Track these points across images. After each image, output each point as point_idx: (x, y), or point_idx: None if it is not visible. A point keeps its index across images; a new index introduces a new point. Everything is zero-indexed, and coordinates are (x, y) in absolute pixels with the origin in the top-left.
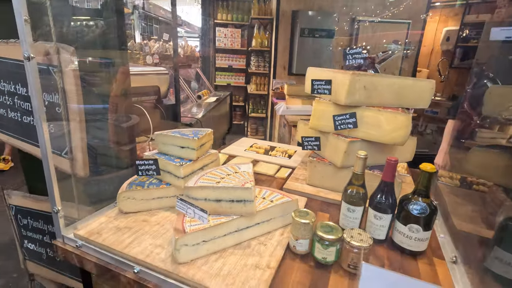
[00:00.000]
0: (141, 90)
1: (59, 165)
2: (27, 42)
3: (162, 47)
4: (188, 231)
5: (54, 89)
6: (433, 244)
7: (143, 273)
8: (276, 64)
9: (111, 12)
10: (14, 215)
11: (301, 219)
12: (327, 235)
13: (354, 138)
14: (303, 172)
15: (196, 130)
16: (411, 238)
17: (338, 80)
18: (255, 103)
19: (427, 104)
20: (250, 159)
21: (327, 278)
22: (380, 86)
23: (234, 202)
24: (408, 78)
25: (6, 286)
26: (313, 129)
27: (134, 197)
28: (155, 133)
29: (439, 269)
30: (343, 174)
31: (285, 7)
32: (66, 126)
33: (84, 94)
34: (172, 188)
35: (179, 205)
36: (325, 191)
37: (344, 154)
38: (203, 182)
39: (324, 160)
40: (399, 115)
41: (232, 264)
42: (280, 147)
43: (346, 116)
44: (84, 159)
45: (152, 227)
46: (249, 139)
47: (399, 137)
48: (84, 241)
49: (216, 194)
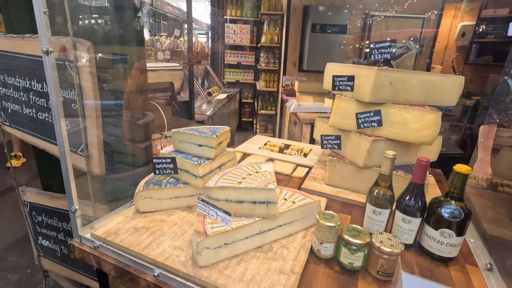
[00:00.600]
0: (156, 86)
1: (75, 162)
2: (45, 36)
3: (173, 43)
4: (210, 234)
5: (70, 85)
6: (463, 249)
7: (163, 277)
8: (286, 60)
9: (128, 7)
10: (29, 212)
11: (327, 222)
12: (355, 240)
13: (378, 137)
14: (321, 172)
15: (213, 128)
16: (443, 243)
17: (362, 76)
18: (264, 100)
19: (455, 102)
20: (265, 158)
21: (355, 285)
22: (407, 82)
23: (256, 203)
24: (436, 74)
25: (20, 281)
26: (334, 127)
27: (151, 196)
28: (171, 130)
29: (473, 277)
30: (365, 174)
31: (296, 2)
32: (82, 123)
33: (100, 90)
34: (190, 187)
35: (200, 206)
36: (346, 192)
37: (367, 153)
38: (224, 182)
39: (345, 160)
40: (427, 113)
41: (255, 268)
42: (295, 145)
43: (370, 114)
44: (100, 157)
45: (170, 227)
46: (262, 136)
47: (426, 136)
48: (101, 241)
49: (238, 195)
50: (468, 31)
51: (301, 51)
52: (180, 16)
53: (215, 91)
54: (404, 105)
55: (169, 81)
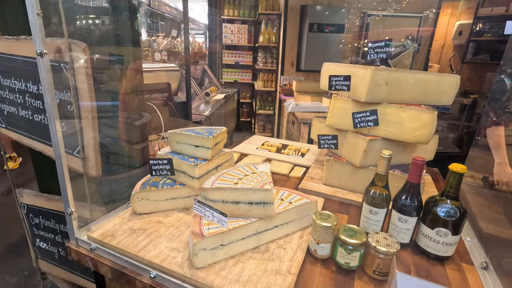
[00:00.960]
0: (152, 87)
1: (71, 164)
2: (39, 37)
3: (170, 44)
4: (206, 235)
5: (66, 87)
6: (459, 248)
7: (159, 278)
8: (284, 60)
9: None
10: (26, 214)
11: (323, 222)
12: (351, 239)
13: (374, 137)
14: (318, 171)
15: (209, 128)
16: (439, 242)
17: (358, 75)
18: (262, 100)
19: (451, 101)
20: (262, 158)
21: (351, 285)
22: (403, 81)
23: (253, 204)
24: (432, 73)
25: (19, 283)
26: (330, 126)
27: (148, 198)
28: (168, 131)
29: (469, 275)
30: (361, 174)
31: (294, 2)
32: (78, 125)
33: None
34: (187, 188)
35: (197, 208)
36: (343, 192)
37: (364, 153)
38: (220, 184)
39: (342, 159)
40: (423, 113)
41: (251, 269)
42: (293, 145)
43: (366, 114)
44: (97, 158)
45: (167, 229)
46: (260, 136)
47: (423, 135)
48: (98, 243)
49: (234, 196)
50: (465, 30)
51: (299, 51)
52: (177, 16)
53: (213, 91)
54: (401, 104)
55: (166, 82)
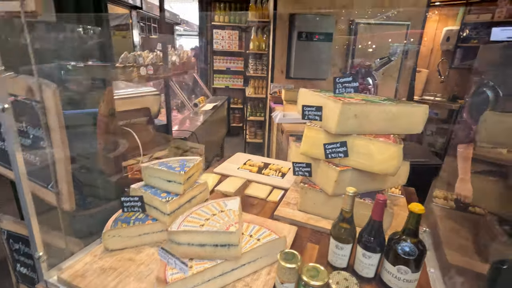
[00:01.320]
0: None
1: (46, 197)
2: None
3: (156, 57)
4: (170, 281)
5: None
6: (422, 280)
7: None
8: (273, 67)
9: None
10: (6, 239)
11: (287, 263)
12: (312, 281)
13: (345, 167)
14: (295, 196)
15: (184, 161)
16: (400, 279)
17: (329, 107)
18: (253, 106)
19: (420, 130)
20: (242, 180)
21: None
22: (372, 114)
23: (218, 246)
24: (400, 103)
25: None
26: (304, 155)
27: (119, 234)
28: (141, 165)
29: None
30: (335, 201)
31: (282, 10)
32: (50, 159)
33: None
34: (159, 223)
35: (161, 254)
36: (316, 219)
37: (335, 183)
38: (186, 226)
39: (316, 187)
40: (391, 146)
41: None
42: (274, 163)
43: (336, 145)
44: (70, 192)
45: (138, 267)
46: (244, 154)
47: (390, 167)
48: (67, 286)
49: (199, 239)
50: (452, 36)
51: (288, 59)
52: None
53: (201, 102)
54: (370, 136)
55: (145, 107)
